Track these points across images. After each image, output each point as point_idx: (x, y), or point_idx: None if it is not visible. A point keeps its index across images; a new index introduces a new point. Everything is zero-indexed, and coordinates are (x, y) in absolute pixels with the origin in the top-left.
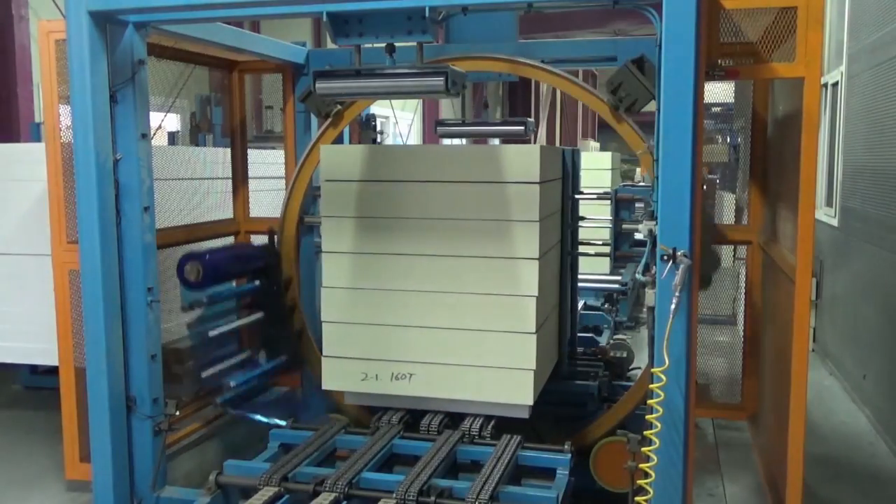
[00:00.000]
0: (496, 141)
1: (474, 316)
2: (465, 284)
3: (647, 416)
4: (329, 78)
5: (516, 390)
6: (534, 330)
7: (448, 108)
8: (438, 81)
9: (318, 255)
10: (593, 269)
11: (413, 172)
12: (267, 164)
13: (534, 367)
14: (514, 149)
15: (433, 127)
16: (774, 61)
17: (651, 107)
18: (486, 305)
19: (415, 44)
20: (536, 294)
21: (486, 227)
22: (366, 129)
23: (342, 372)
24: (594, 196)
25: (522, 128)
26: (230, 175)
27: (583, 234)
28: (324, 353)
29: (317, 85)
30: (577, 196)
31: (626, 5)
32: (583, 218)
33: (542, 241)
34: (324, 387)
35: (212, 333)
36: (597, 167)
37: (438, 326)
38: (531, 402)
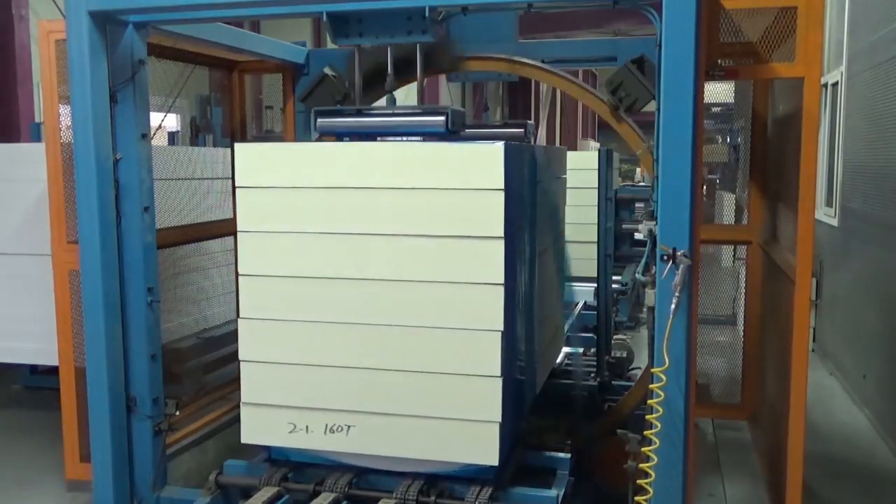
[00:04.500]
0: None
1: (426, 355)
2: (414, 316)
3: (647, 416)
4: (330, 116)
5: (478, 448)
6: (499, 373)
7: None
8: (439, 120)
9: None
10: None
11: (351, 177)
12: None
13: (499, 420)
14: (474, 148)
15: None
16: (774, 61)
17: (651, 107)
18: (440, 342)
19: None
20: (501, 329)
21: (441, 244)
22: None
23: (265, 422)
24: None
25: (522, 130)
26: (230, 175)
27: (582, 235)
28: (242, 400)
29: (318, 122)
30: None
31: (626, 5)
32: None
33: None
34: (243, 440)
35: None
36: (596, 167)
37: (382, 368)
38: (496, 462)
